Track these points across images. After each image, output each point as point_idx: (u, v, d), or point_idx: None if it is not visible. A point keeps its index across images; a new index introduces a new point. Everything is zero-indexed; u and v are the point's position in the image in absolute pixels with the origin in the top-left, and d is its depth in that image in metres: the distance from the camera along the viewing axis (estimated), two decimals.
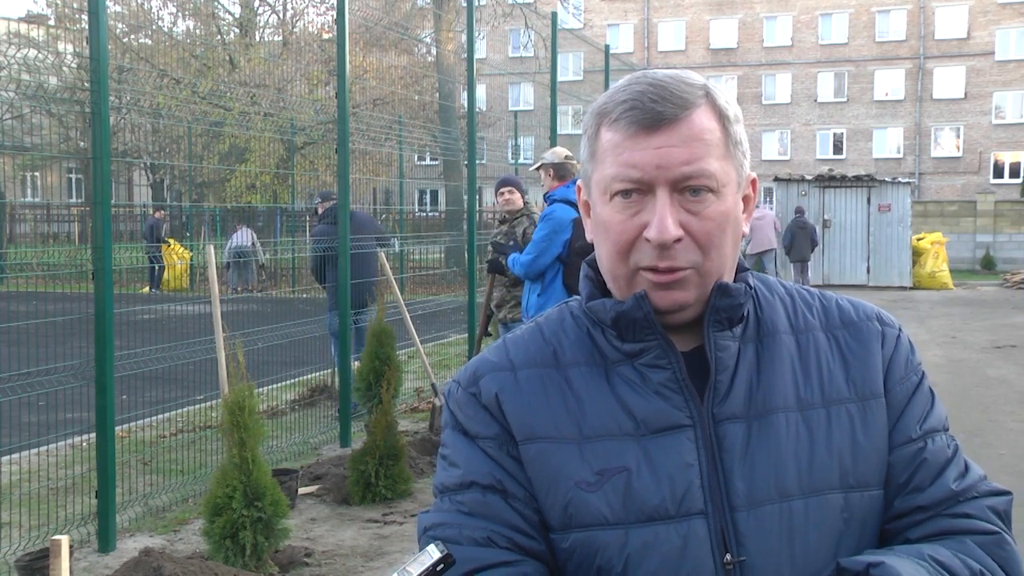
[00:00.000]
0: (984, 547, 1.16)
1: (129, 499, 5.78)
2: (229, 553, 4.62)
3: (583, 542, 1.16)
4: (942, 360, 11.64)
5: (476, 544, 1.15)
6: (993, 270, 26.54)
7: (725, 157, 1.18)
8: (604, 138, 1.19)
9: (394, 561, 5.06)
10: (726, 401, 1.18)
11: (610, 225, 1.18)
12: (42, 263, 11.00)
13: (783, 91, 47.09)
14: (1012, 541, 1.18)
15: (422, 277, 17.40)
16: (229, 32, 27.78)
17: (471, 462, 1.21)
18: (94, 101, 5.06)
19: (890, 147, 45.66)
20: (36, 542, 4.91)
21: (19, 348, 5.55)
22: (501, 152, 22.51)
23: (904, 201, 22.96)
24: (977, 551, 1.15)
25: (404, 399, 8.65)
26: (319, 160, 19.57)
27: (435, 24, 23.20)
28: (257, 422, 4.78)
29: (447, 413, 1.27)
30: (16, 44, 10.01)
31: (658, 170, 1.14)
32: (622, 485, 1.15)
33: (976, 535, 1.17)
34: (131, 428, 7.51)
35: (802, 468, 1.17)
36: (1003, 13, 44.15)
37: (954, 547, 1.15)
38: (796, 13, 46.57)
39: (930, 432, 1.23)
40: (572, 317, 1.28)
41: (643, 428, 1.17)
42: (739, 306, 1.20)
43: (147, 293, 17.98)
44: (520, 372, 1.23)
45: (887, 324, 1.28)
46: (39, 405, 6.25)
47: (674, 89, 1.16)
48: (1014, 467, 6.82)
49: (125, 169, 25.21)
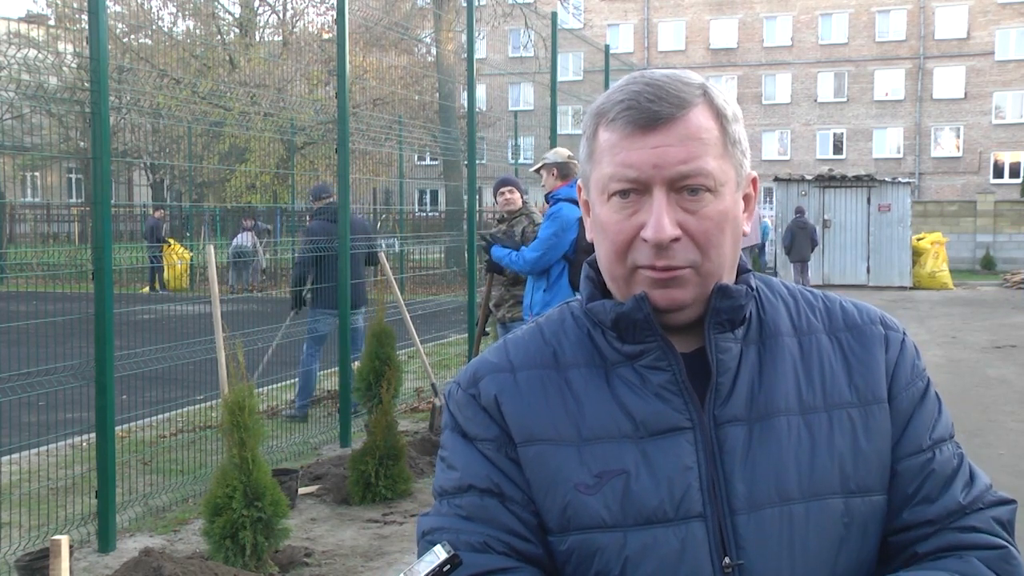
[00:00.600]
0: (990, 563, 1.15)
1: (129, 499, 5.78)
2: (229, 553, 4.62)
3: (581, 544, 1.15)
4: (942, 360, 11.64)
5: (473, 550, 1.14)
6: (993, 270, 26.55)
7: (723, 156, 1.17)
8: (602, 138, 1.19)
9: (394, 561, 5.06)
10: (728, 403, 1.18)
11: (608, 225, 1.18)
12: (42, 263, 11.01)
13: (783, 91, 47.10)
14: (1017, 554, 1.18)
15: (422, 277, 17.40)
16: (229, 32, 27.78)
17: (469, 465, 1.20)
18: (94, 101, 5.06)
19: (890, 147, 45.66)
20: (36, 542, 4.91)
21: (19, 348, 5.55)
22: (501, 152, 22.52)
23: (904, 201, 22.97)
24: (983, 570, 1.15)
25: (404, 399, 8.65)
26: (319, 160, 19.57)
27: (435, 24, 23.20)
28: (257, 422, 4.78)
29: (447, 414, 1.26)
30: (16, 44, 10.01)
31: (655, 169, 1.14)
32: (620, 487, 1.15)
33: (982, 550, 1.17)
34: (131, 428, 7.51)
35: (803, 472, 1.16)
36: (1003, 13, 44.15)
37: (960, 568, 1.14)
38: (796, 13, 46.58)
39: (939, 442, 1.23)
40: (573, 318, 1.27)
41: (642, 430, 1.17)
42: (740, 308, 1.20)
43: (147, 293, 18.01)
44: (520, 373, 1.23)
45: (891, 328, 1.27)
46: (39, 405, 6.25)
47: (671, 89, 1.16)
48: (1014, 467, 6.82)
49: (125, 169, 25.21)
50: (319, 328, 8.40)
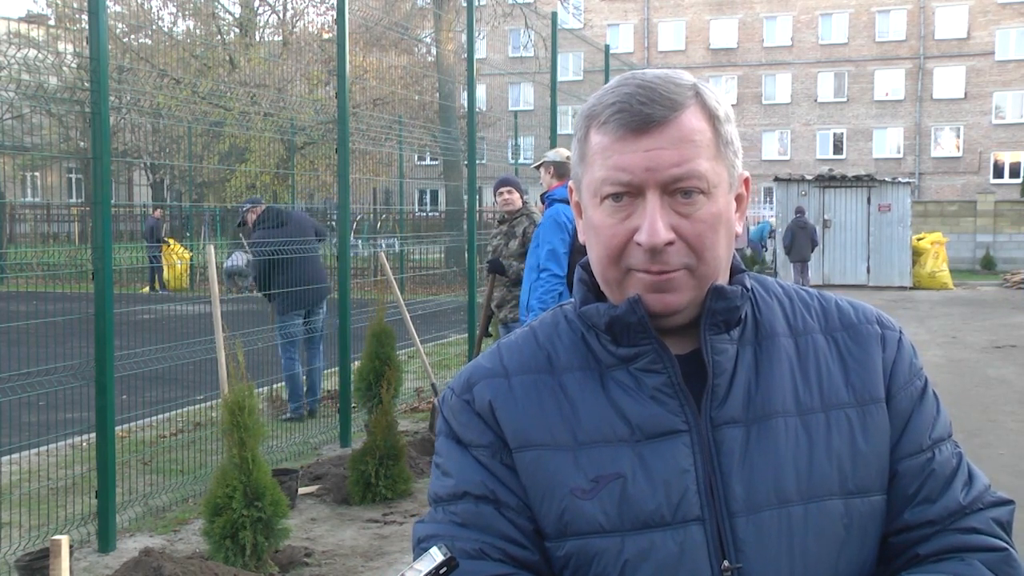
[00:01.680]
0: (991, 566, 1.16)
1: (129, 499, 5.78)
2: (229, 553, 4.62)
3: (579, 550, 1.15)
4: (942, 360, 11.64)
5: (468, 557, 1.14)
6: (993, 270, 26.54)
7: (716, 158, 1.16)
8: (593, 141, 1.18)
9: (394, 561, 5.06)
10: (724, 405, 1.17)
11: (601, 229, 1.17)
12: (42, 263, 11.01)
13: (783, 91, 47.08)
14: (1017, 557, 1.18)
15: (422, 277, 17.40)
16: (229, 32, 27.76)
17: (464, 471, 1.20)
18: (94, 101, 5.06)
19: (890, 147, 45.65)
20: (36, 542, 4.91)
21: (19, 348, 5.55)
22: (501, 152, 22.52)
23: (904, 201, 22.96)
24: (985, 573, 1.15)
25: (404, 399, 8.65)
26: (319, 160, 19.57)
27: (435, 24, 23.19)
28: (257, 422, 4.78)
29: (441, 420, 1.26)
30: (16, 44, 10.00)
31: (647, 173, 1.13)
32: (617, 492, 1.14)
33: (984, 552, 1.17)
34: (131, 428, 7.51)
35: (801, 473, 1.16)
36: (1003, 13, 44.14)
37: (963, 571, 1.15)
38: (796, 13, 46.56)
39: (938, 441, 1.23)
40: (567, 321, 1.26)
41: (638, 434, 1.16)
42: (735, 308, 1.19)
43: (147, 293, 18.02)
44: (514, 378, 1.22)
45: (887, 327, 1.27)
46: (39, 405, 6.25)
47: (663, 91, 1.15)
48: (1014, 467, 6.82)
49: (125, 169, 25.19)
50: (288, 332, 8.32)
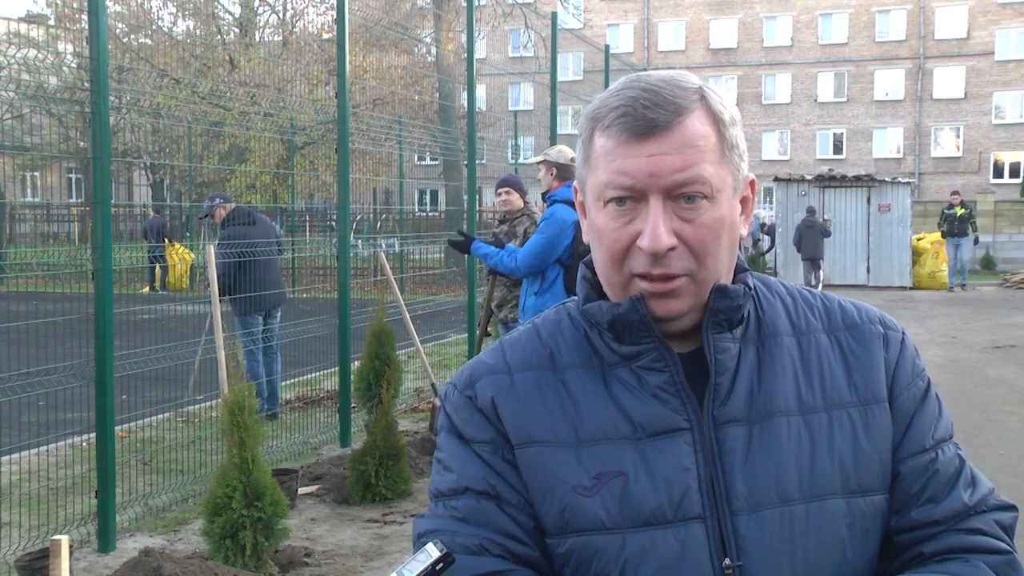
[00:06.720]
0: (995, 567, 1.16)
1: (129, 499, 5.77)
2: (229, 553, 4.62)
3: (580, 547, 1.15)
4: (942, 360, 11.63)
5: (469, 552, 1.14)
6: (993, 270, 26.53)
7: (720, 162, 1.16)
8: (597, 144, 1.18)
9: (394, 561, 5.06)
10: (727, 403, 1.17)
11: (604, 232, 1.17)
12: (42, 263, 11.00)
13: (783, 91, 47.09)
14: (1019, 561, 1.19)
15: (422, 277, 17.41)
16: (229, 32, 27.77)
17: (465, 467, 1.20)
18: (94, 101, 5.06)
19: (890, 147, 45.66)
20: (36, 542, 4.91)
21: (19, 348, 5.55)
22: (501, 152, 22.51)
23: (904, 201, 22.95)
24: (989, 574, 1.15)
25: (404, 399, 8.65)
26: (319, 160, 19.56)
27: (435, 24, 23.18)
28: (257, 422, 4.78)
29: (443, 416, 1.26)
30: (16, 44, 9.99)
31: (651, 178, 1.13)
32: (619, 489, 1.14)
33: (987, 554, 1.17)
34: (131, 428, 7.51)
35: (803, 472, 1.16)
36: (1003, 13, 44.14)
37: (966, 572, 1.15)
38: (796, 13, 46.57)
39: (941, 442, 1.23)
40: (569, 319, 1.27)
41: (640, 431, 1.16)
42: (738, 307, 1.19)
43: (147, 293, 18.02)
44: (516, 375, 1.22)
45: (890, 327, 1.27)
46: (39, 405, 6.25)
47: (667, 95, 1.14)
48: (1014, 467, 6.82)
49: (125, 169, 25.19)
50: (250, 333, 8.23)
